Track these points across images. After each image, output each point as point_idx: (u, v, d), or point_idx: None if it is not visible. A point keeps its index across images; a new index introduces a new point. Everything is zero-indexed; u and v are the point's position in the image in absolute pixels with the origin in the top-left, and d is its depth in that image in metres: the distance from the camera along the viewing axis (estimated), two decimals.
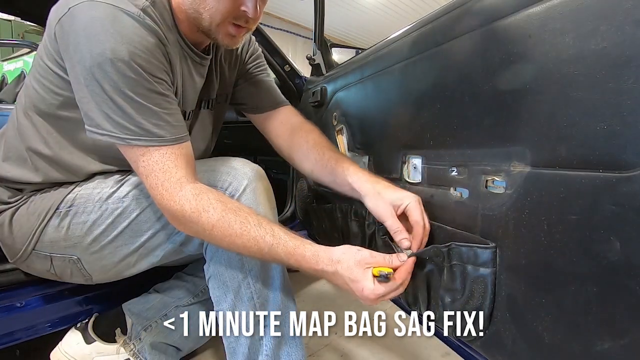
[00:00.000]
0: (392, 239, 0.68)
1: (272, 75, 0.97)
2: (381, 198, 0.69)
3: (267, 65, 0.96)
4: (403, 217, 0.67)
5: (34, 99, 0.67)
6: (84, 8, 0.56)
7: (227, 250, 0.64)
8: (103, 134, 0.59)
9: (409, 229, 0.65)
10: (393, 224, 0.66)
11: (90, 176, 0.73)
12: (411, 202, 0.66)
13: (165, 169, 0.60)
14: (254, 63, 0.93)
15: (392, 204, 0.67)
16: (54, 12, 0.60)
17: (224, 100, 0.91)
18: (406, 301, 0.72)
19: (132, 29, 0.57)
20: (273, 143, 0.94)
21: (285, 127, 0.91)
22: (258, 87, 0.92)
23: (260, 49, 0.96)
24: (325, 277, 0.61)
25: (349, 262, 0.58)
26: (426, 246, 0.65)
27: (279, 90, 0.96)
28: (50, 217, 0.69)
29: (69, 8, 0.57)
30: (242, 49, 0.90)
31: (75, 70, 0.58)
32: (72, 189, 0.70)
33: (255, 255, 0.61)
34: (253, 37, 0.94)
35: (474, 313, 0.56)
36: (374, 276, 0.58)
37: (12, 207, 0.71)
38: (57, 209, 0.69)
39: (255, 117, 0.94)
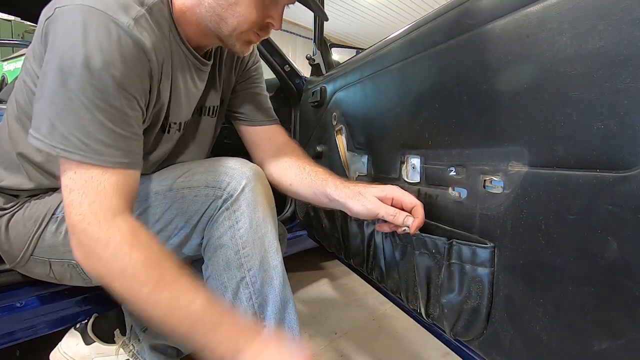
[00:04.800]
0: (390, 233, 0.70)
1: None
2: (363, 196, 0.71)
3: (263, 78, 0.97)
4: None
5: (24, 104, 0.65)
6: (70, 11, 0.52)
7: (145, 305, 0.51)
8: (38, 139, 0.52)
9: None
10: (388, 210, 0.67)
11: None
12: (397, 191, 0.69)
13: (100, 190, 0.52)
14: (255, 74, 0.93)
15: (376, 197, 0.69)
16: (43, 14, 0.57)
17: (221, 106, 0.90)
18: (406, 299, 0.72)
19: (117, 41, 0.53)
20: (254, 155, 0.94)
21: (272, 143, 0.92)
22: (256, 100, 0.92)
23: (260, 61, 0.95)
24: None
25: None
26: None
27: (272, 107, 0.96)
28: (47, 223, 0.68)
29: (55, 9, 0.54)
30: None
31: (44, 68, 0.54)
32: None
33: (179, 310, 0.51)
34: (255, 46, 0.93)
35: (471, 313, 0.56)
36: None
37: (8, 213, 0.70)
38: (53, 214, 0.68)
39: (243, 128, 0.94)
